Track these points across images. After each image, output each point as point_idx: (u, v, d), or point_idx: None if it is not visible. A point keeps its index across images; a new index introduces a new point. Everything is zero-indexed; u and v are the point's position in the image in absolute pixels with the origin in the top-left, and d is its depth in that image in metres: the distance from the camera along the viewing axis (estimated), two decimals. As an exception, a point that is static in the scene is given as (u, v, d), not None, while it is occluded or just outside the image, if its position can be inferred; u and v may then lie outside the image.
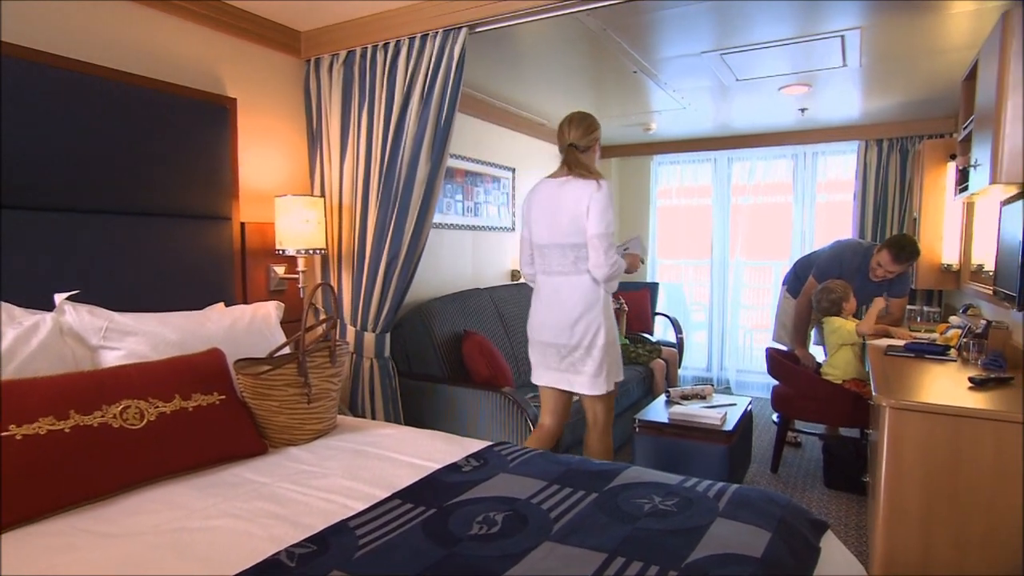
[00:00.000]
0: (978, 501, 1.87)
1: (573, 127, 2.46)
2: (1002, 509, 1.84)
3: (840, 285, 3.43)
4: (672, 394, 3.39)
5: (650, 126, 4.86)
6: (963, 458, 1.88)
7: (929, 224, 4.00)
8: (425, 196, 2.55)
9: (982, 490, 1.86)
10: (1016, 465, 1.82)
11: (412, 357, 3.20)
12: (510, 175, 4.56)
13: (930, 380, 2.40)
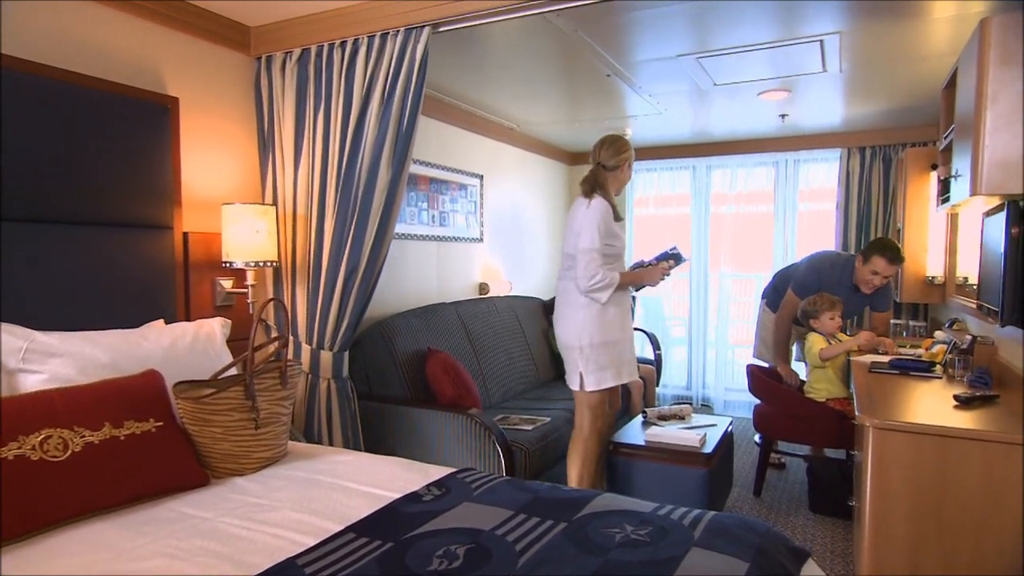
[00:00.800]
0: (966, 524, 1.90)
1: (603, 148, 2.88)
2: (990, 532, 1.88)
3: (822, 300, 3.43)
4: (649, 414, 3.40)
5: (625, 132, 4.91)
6: (950, 479, 1.92)
7: (913, 235, 4.11)
8: (386, 205, 2.54)
9: (970, 512, 1.90)
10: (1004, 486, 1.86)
11: (372, 377, 3.17)
12: (478, 182, 4.56)
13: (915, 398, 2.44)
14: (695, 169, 5.63)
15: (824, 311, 3.41)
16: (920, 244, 4.07)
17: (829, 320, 3.40)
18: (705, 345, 5.70)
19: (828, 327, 3.41)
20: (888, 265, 3.44)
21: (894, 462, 1.97)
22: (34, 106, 2.02)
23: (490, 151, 4.74)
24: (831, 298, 3.44)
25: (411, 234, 3.88)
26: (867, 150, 4.87)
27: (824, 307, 3.42)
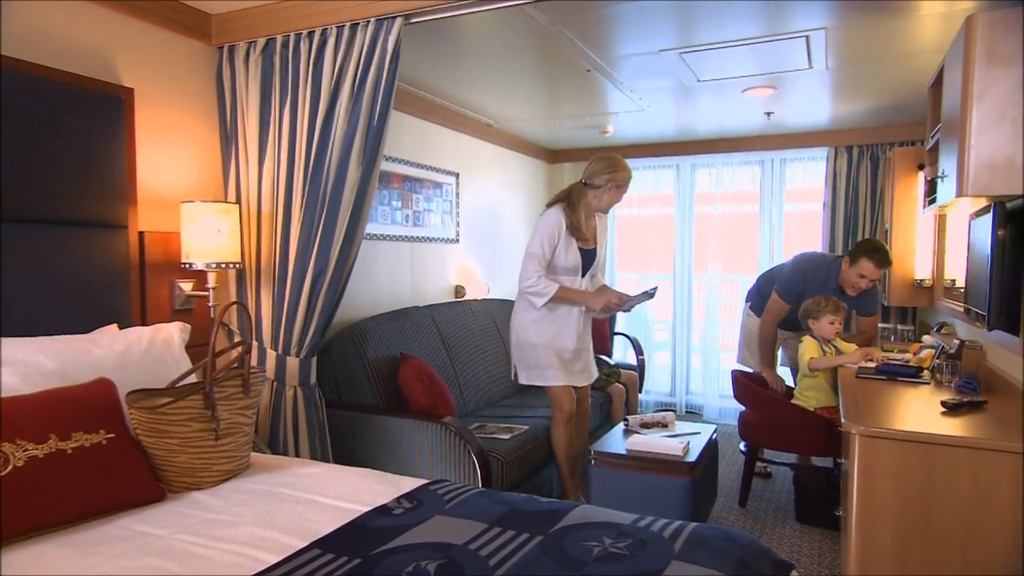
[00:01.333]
0: (953, 533, 1.93)
1: (591, 165, 3.13)
2: (978, 541, 1.90)
3: (827, 302, 3.42)
4: (631, 422, 3.41)
5: (607, 129, 4.94)
6: (937, 488, 1.94)
7: (901, 236, 4.17)
8: (356, 203, 2.53)
9: (957, 521, 1.92)
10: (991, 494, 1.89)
11: (342, 384, 3.16)
12: (454, 180, 4.55)
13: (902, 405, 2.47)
14: (679, 168, 5.67)
15: (826, 314, 3.40)
16: (908, 246, 4.14)
17: (828, 324, 3.40)
18: (689, 350, 5.74)
19: (826, 331, 3.41)
20: (875, 268, 3.47)
21: (880, 470, 2.00)
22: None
23: (466, 148, 4.73)
24: (836, 302, 3.42)
25: (383, 234, 3.86)
26: (854, 149, 4.94)
27: (828, 310, 3.40)
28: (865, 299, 3.70)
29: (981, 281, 2.20)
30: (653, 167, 5.78)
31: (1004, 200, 2.10)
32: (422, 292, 4.23)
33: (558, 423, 3.23)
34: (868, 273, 3.48)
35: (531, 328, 3.16)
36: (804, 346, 3.44)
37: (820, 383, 3.44)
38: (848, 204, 4.98)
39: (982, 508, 1.90)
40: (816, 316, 3.42)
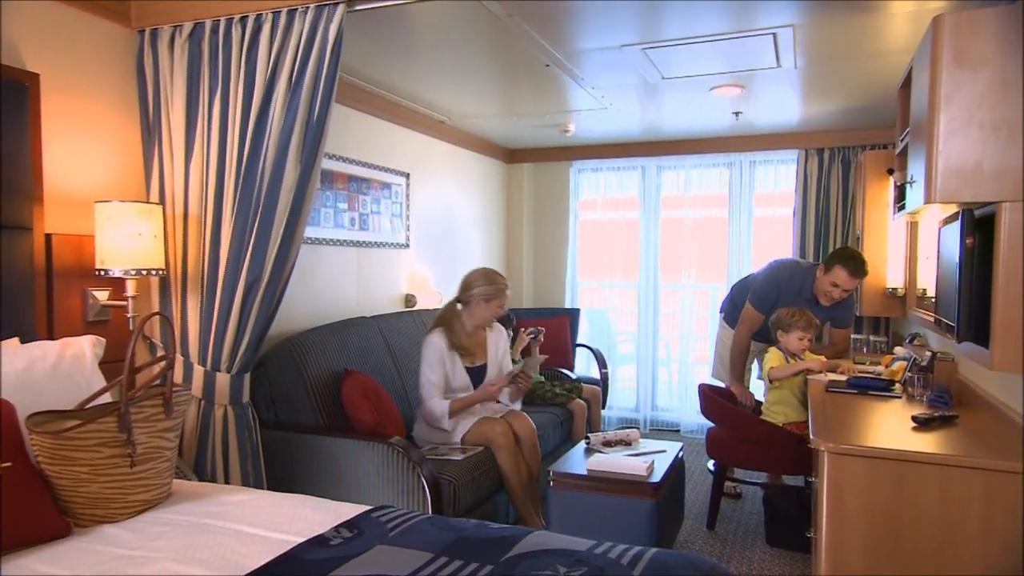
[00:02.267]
0: (924, 553, 1.97)
1: (462, 282, 3.51)
2: (948, 560, 1.95)
3: (801, 316, 3.46)
4: (592, 440, 3.42)
5: (567, 127, 4.97)
6: (907, 506, 1.99)
7: (873, 244, 4.27)
8: (294, 205, 2.49)
9: (928, 540, 1.97)
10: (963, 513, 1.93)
11: (279, 402, 3.12)
12: (403, 181, 4.52)
13: (873, 419, 2.52)
14: (644, 170, 5.73)
15: (797, 329, 3.44)
16: (880, 253, 4.24)
17: (797, 340, 3.45)
18: (655, 362, 5.78)
19: (794, 346, 3.47)
20: (849, 277, 3.51)
21: (850, 488, 2.03)
22: None
23: (418, 146, 4.71)
24: (811, 318, 3.46)
25: (326, 238, 3.81)
26: (825, 152, 5.06)
27: (799, 325, 3.44)
28: (840, 310, 3.76)
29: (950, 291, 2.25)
30: (617, 168, 5.83)
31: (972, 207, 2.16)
32: (369, 301, 4.19)
33: (500, 450, 3.30)
34: (841, 282, 3.52)
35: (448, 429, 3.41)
36: (767, 357, 3.49)
37: (787, 397, 3.49)
38: (819, 209, 5.09)
39: (953, 527, 1.95)
40: (786, 329, 3.47)
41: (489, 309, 3.46)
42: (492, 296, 3.46)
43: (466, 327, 3.49)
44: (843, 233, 5.03)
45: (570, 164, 5.95)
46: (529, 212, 6.18)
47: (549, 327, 5.11)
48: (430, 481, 2.81)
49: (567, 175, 5.98)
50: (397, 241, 4.47)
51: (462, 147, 5.30)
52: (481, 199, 5.67)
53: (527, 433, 3.41)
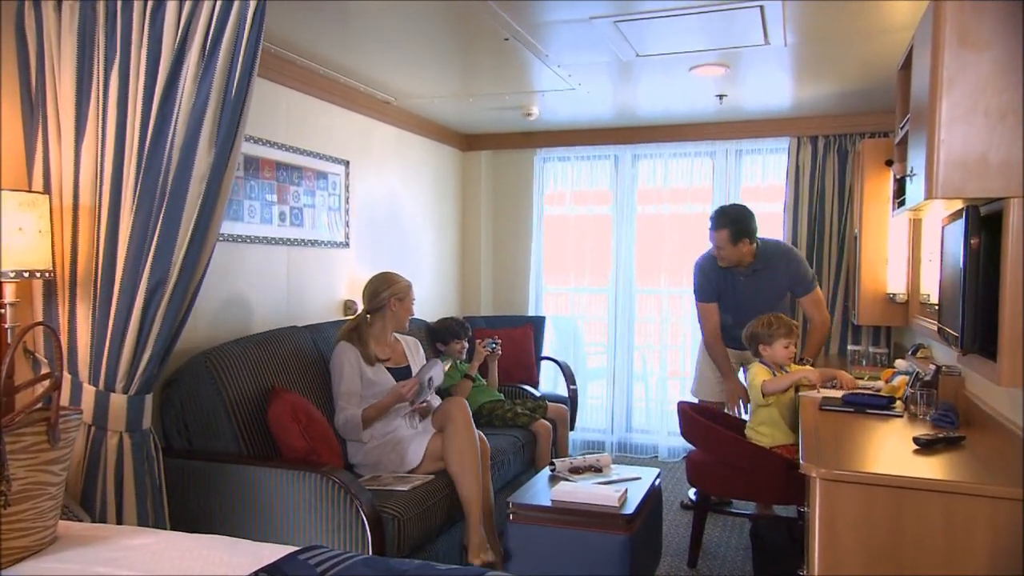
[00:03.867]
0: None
1: (364, 292, 3.75)
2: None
3: (779, 322, 3.51)
4: (558, 467, 3.41)
5: (531, 110, 4.97)
6: (908, 538, 1.99)
7: (871, 244, 4.33)
8: (208, 195, 2.46)
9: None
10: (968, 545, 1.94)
11: (193, 427, 3.11)
12: (342, 170, 4.48)
13: (871, 441, 2.54)
14: (618, 159, 5.76)
15: (779, 337, 3.48)
16: (879, 254, 4.30)
17: (783, 349, 3.49)
18: (630, 378, 5.79)
19: (780, 356, 3.50)
20: (711, 232, 4.06)
21: (845, 519, 2.04)
22: None
23: (359, 130, 4.68)
24: (789, 323, 3.52)
25: (250, 235, 3.76)
26: (819, 140, 5.12)
27: (780, 332, 3.48)
28: (790, 275, 4.07)
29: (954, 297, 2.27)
30: (587, 157, 5.85)
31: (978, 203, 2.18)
32: (301, 308, 4.14)
33: (458, 430, 3.45)
34: (714, 241, 4.06)
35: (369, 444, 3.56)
36: (752, 372, 3.52)
37: (774, 416, 3.52)
38: (813, 204, 5.15)
39: (958, 560, 1.96)
40: (768, 341, 3.52)
41: (405, 307, 3.71)
42: (404, 293, 3.70)
43: (383, 336, 3.70)
44: (839, 231, 5.09)
45: (534, 152, 5.95)
46: (488, 207, 6.16)
47: (510, 337, 5.09)
48: (370, 516, 2.79)
49: (531, 165, 5.98)
50: (335, 239, 4.43)
51: (410, 132, 5.27)
52: (432, 192, 5.64)
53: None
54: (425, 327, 4.82)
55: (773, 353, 3.50)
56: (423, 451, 3.44)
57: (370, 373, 3.55)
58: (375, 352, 3.61)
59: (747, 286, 4.13)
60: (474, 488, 3.29)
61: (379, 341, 3.67)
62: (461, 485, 3.30)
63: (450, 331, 4.65)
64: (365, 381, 3.53)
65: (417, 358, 3.85)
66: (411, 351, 3.85)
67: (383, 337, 3.70)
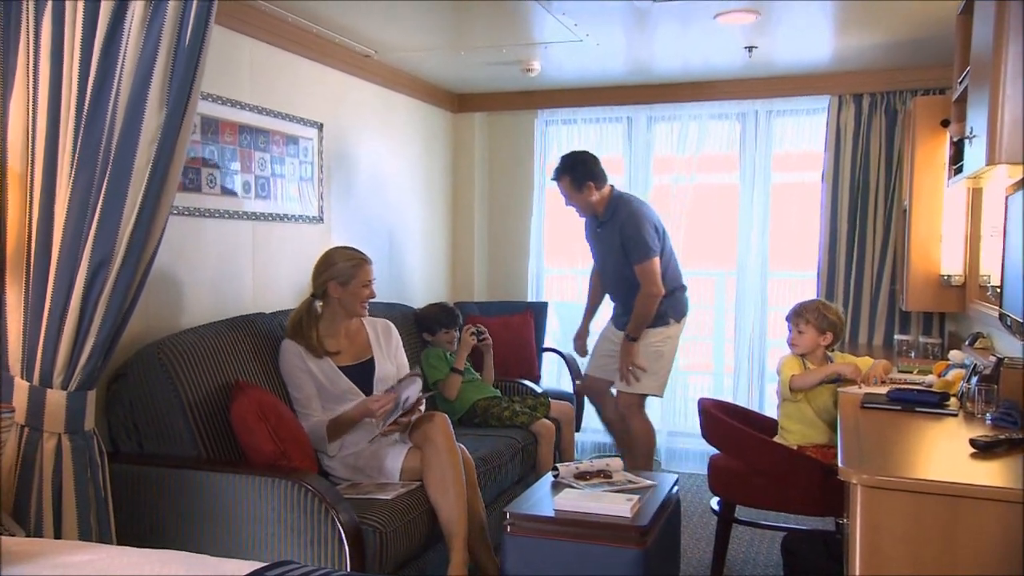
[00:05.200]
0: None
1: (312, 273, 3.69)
2: (1017, 625, 1.94)
3: (821, 308, 3.57)
4: (561, 472, 3.40)
5: (532, 66, 4.94)
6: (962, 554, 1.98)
7: (923, 218, 4.30)
8: (159, 162, 2.44)
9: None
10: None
11: (144, 428, 3.12)
12: (315, 134, 4.47)
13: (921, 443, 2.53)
14: (631, 122, 5.72)
15: (814, 327, 3.53)
16: (931, 230, 4.27)
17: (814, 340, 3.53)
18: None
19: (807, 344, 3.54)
20: (558, 185, 4.51)
21: (890, 532, 2.02)
22: None
23: (335, 88, 4.66)
24: (833, 316, 3.55)
25: (209, 209, 3.75)
26: (864, 99, 5.08)
27: (823, 325, 3.53)
28: (618, 237, 4.41)
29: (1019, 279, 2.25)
30: (595, 120, 5.81)
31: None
32: (269, 292, 4.14)
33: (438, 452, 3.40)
34: (568, 192, 4.50)
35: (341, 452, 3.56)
36: (782, 364, 3.54)
37: (804, 412, 3.54)
38: (855, 173, 5.12)
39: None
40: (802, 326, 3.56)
41: (352, 293, 3.57)
42: (347, 276, 3.56)
43: (333, 326, 3.62)
44: (886, 203, 5.07)
45: (535, 114, 5.93)
46: (482, 177, 6.15)
47: (508, 326, 5.08)
48: (348, 528, 2.79)
49: (531, 128, 5.96)
50: (307, 213, 4.41)
51: (394, 90, 5.25)
52: (419, 159, 5.62)
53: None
54: (411, 315, 4.81)
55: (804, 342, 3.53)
56: (400, 465, 3.42)
57: (319, 373, 3.51)
58: (323, 345, 3.54)
59: (599, 238, 4.59)
60: (456, 517, 3.26)
61: (329, 332, 3.60)
62: (443, 515, 3.27)
63: (438, 319, 4.64)
64: (319, 384, 3.51)
65: (387, 347, 3.78)
66: (379, 339, 3.77)
67: (333, 327, 3.63)
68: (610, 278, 4.65)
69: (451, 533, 3.25)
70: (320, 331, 3.56)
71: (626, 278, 4.44)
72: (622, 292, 4.57)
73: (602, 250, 4.61)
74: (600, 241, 4.59)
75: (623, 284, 4.50)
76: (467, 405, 4.43)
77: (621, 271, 4.45)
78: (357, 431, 3.47)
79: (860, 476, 2.05)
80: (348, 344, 3.65)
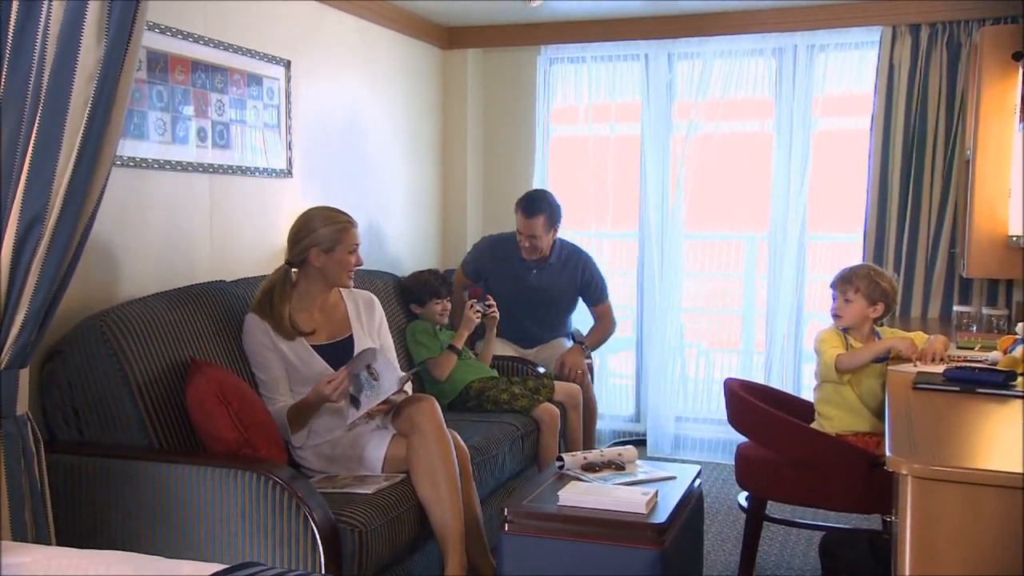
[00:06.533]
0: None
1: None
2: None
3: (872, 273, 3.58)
4: (567, 463, 3.41)
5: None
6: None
7: (989, 169, 4.28)
8: (99, 103, 2.43)
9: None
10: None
11: (85, 412, 3.11)
12: (282, 73, 4.45)
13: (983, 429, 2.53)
14: (649, 60, 5.70)
15: (864, 298, 3.52)
16: (999, 183, 4.25)
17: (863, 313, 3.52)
18: (663, 349, 5.80)
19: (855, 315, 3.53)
20: (524, 219, 4.82)
21: (944, 529, 2.02)
22: None
23: (304, 20, 4.64)
24: (887, 285, 3.55)
25: (158, 160, 3.73)
26: (922, 30, 5.04)
27: (875, 295, 3.52)
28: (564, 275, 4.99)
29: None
30: (608, 58, 5.79)
31: None
32: (230, 257, 4.14)
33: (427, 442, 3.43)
34: (521, 227, 4.84)
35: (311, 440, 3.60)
36: (822, 340, 3.54)
37: (847, 396, 3.54)
38: (911, 117, 5.08)
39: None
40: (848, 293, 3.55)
41: (336, 260, 3.56)
42: (332, 242, 3.54)
43: (308, 300, 3.63)
44: (946, 152, 5.03)
45: (538, 51, 5.91)
46: (477, 125, 6.15)
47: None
48: (322, 526, 2.80)
49: (533, 68, 5.94)
50: (273, 166, 4.41)
51: (373, 22, 5.24)
52: (404, 104, 5.61)
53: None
54: (394, 283, 4.81)
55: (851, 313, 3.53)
56: (382, 455, 3.43)
57: (290, 353, 3.51)
58: (294, 323, 3.52)
59: (540, 279, 5.00)
60: (451, 514, 3.27)
61: (303, 306, 3.60)
62: (434, 512, 3.28)
63: (428, 288, 4.64)
64: (288, 365, 3.51)
65: (369, 324, 3.79)
66: (360, 314, 3.78)
67: (308, 300, 3.63)
68: (542, 313, 5.14)
69: (445, 533, 3.26)
70: (293, 305, 3.55)
71: (561, 312, 5.20)
72: (548, 321, 5.19)
73: (541, 290, 5.03)
74: (541, 282, 5.03)
75: (557, 317, 5.21)
76: (459, 387, 4.44)
77: (561, 308, 5.18)
78: (333, 416, 3.47)
79: (911, 466, 2.04)
80: (324, 320, 3.65)
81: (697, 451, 5.71)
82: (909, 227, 5.10)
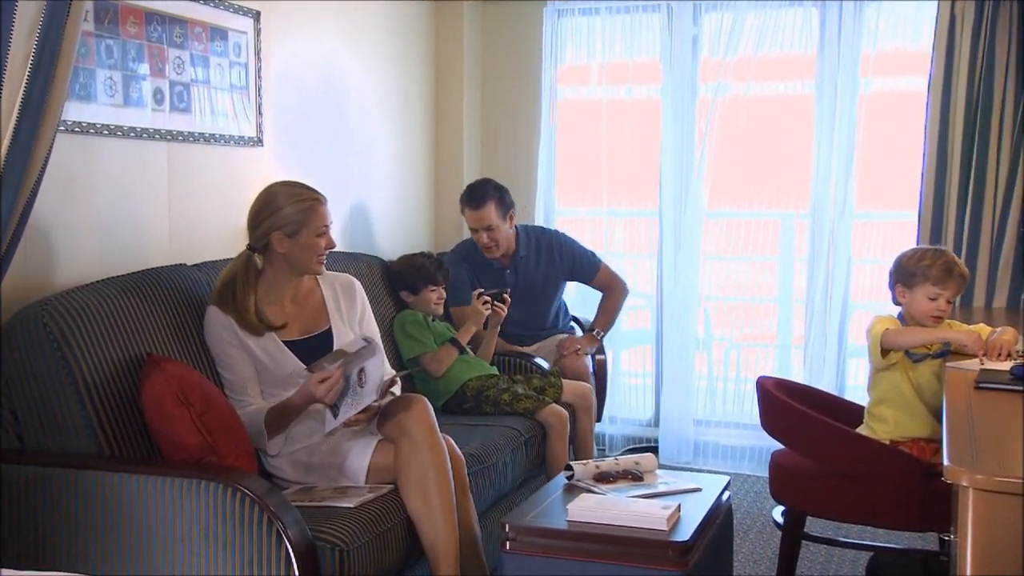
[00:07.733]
0: None
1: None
2: None
3: (920, 256, 3.57)
4: (577, 472, 3.42)
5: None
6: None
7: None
8: (41, 59, 2.48)
9: None
10: None
11: (26, 415, 3.11)
12: (250, 25, 4.44)
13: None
14: (672, 12, 5.69)
15: (927, 281, 3.49)
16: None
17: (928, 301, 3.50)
18: (685, 343, 5.81)
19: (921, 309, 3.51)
20: (474, 213, 4.95)
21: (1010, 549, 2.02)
22: None
23: (275, -35, 4.63)
24: (951, 262, 3.53)
25: (109, 125, 3.72)
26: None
27: (932, 273, 3.49)
28: (544, 267, 5.03)
29: None
30: (624, 10, 5.80)
31: None
32: (192, 237, 4.15)
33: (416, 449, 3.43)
34: (469, 221, 5.00)
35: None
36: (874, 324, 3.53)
37: (904, 392, 3.54)
38: (975, 79, 5.05)
39: None
40: (909, 281, 3.53)
41: (302, 245, 3.52)
42: (296, 224, 3.50)
43: (276, 289, 3.61)
44: (1015, 119, 5.01)
45: (543, 3, 5.90)
46: (474, 87, 6.16)
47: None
48: (298, 544, 2.80)
49: (539, 22, 5.94)
50: (241, 133, 4.41)
51: (355, -31, 5.23)
52: (392, 63, 5.62)
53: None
54: (380, 267, 4.83)
55: (912, 302, 3.52)
56: (366, 463, 3.43)
57: (258, 350, 3.49)
58: (262, 317, 3.50)
59: (515, 280, 5.11)
60: (444, 530, 3.27)
61: (271, 297, 3.58)
62: (425, 528, 3.27)
63: (422, 273, 4.65)
64: (258, 363, 3.50)
65: (349, 312, 3.77)
66: (338, 301, 3.77)
67: (277, 291, 3.61)
68: (532, 311, 5.25)
69: (437, 551, 3.26)
70: (259, 295, 3.53)
71: (552, 303, 5.35)
72: (540, 319, 5.34)
73: (523, 288, 5.13)
74: (519, 280, 5.15)
75: (549, 309, 5.36)
76: (454, 386, 4.45)
77: (552, 300, 5.36)
78: (307, 420, 3.47)
79: (973, 477, 2.04)
80: (296, 311, 3.64)
81: (721, 459, 5.73)
82: (972, 205, 5.05)
